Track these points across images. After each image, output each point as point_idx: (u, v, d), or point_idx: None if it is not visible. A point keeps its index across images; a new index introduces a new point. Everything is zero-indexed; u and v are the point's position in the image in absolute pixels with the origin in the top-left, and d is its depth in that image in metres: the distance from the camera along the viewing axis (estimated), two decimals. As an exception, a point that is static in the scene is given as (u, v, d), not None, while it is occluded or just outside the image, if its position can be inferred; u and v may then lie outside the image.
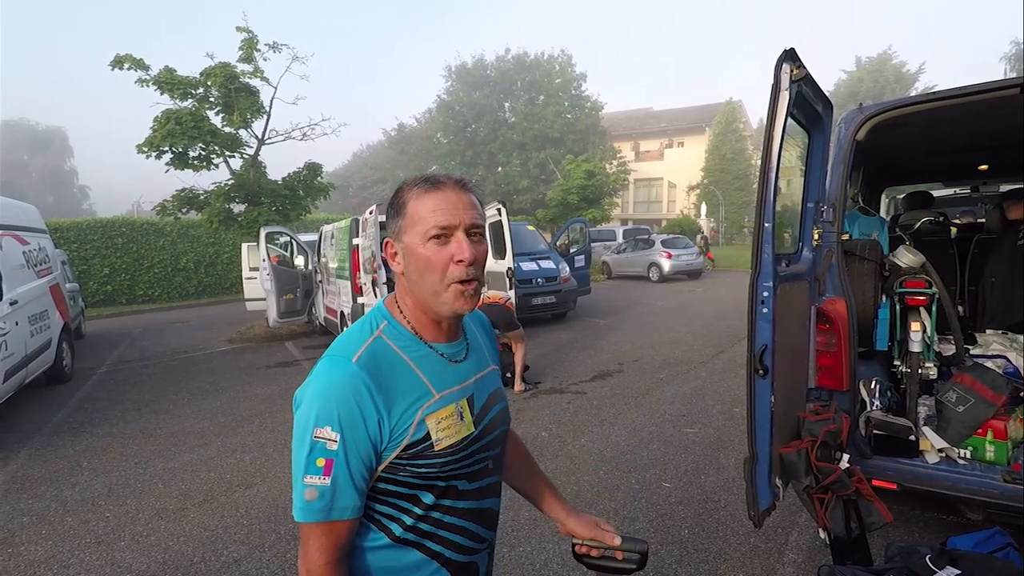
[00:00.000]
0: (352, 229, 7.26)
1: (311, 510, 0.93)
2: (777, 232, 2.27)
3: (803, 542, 3.00)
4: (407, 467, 0.98)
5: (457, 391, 1.05)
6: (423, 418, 0.98)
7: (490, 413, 1.11)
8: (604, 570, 1.20)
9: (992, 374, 2.86)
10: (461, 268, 0.97)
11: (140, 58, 10.33)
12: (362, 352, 0.97)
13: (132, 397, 6.79)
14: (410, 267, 1.00)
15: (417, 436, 0.98)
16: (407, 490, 1.00)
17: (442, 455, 1.00)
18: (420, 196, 0.99)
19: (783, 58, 2.13)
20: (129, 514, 3.75)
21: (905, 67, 36.29)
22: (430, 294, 0.99)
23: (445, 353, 1.06)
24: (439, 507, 1.03)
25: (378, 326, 1.03)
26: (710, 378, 6.32)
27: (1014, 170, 5.32)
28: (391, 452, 0.97)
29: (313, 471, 0.92)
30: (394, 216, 1.02)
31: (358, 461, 0.94)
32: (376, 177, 41.72)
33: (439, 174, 1.02)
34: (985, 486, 2.39)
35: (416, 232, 0.98)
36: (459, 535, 1.05)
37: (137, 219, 18.56)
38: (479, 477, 1.08)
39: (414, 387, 1.00)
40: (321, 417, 0.92)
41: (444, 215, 0.97)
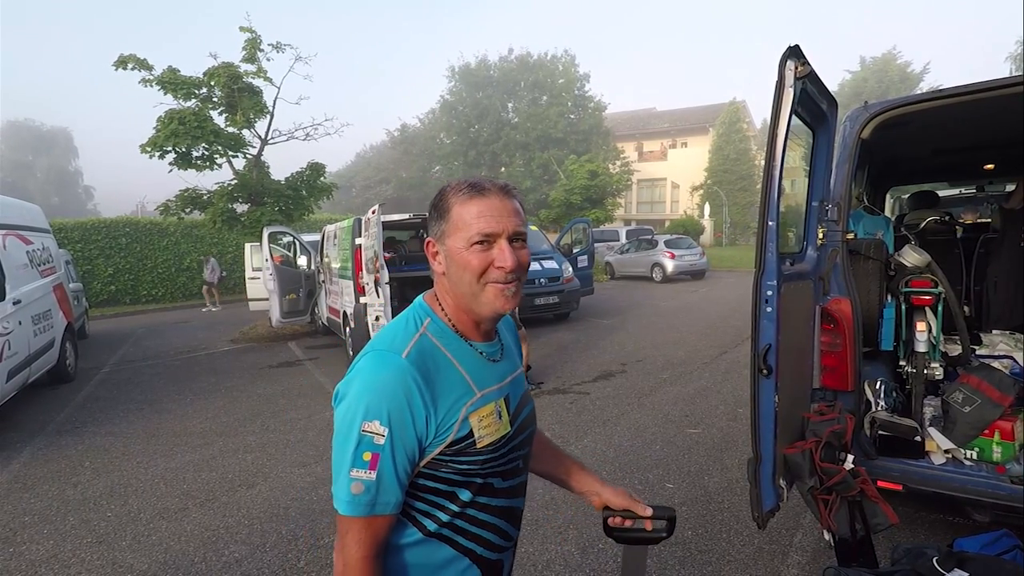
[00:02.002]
0: (355, 229, 7.25)
1: (357, 504, 0.93)
2: (781, 231, 2.24)
3: (807, 544, 2.98)
4: (449, 463, 1.00)
5: (496, 390, 1.06)
6: (467, 415, 1.00)
7: (522, 414, 1.13)
8: (635, 541, 1.23)
9: (999, 374, 2.83)
10: (501, 273, 0.99)
11: (144, 58, 10.39)
12: (411, 348, 0.98)
13: (135, 397, 6.80)
14: (452, 269, 1.01)
15: (461, 433, 0.99)
16: (445, 487, 1.01)
17: (483, 452, 1.01)
18: (465, 202, 0.99)
19: (787, 55, 2.10)
20: (131, 514, 3.75)
21: (910, 67, 36.18)
22: (470, 295, 1.01)
23: (484, 352, 1.07)
24: (474, 504, 1.04)
25: (422, 323, 1.04)
26: (713, 379, 6.29)
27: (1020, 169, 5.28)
28: (435, 448, 0.98)
29: (360, 465, 0.92)
30: (437, 218, 1.03)
31: (403, 457, 0.94)
32: (379, 177, 41.77)
33: (484, 179, 1.03)
34: (992, 487, 2.36)
35: (460, 237, 0.99)
36: (491, 532, 1.07)
37: (141, 219, 18.63)
38: (511, 476, 1.10)
39: (458, 384, 1.01)
40: (371, 411, 0.92)
41: (488, 222, 0.98)
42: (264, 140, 11.49)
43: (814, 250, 2.74)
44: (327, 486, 3.98)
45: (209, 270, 15.87)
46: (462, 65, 37.26)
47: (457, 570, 1.04)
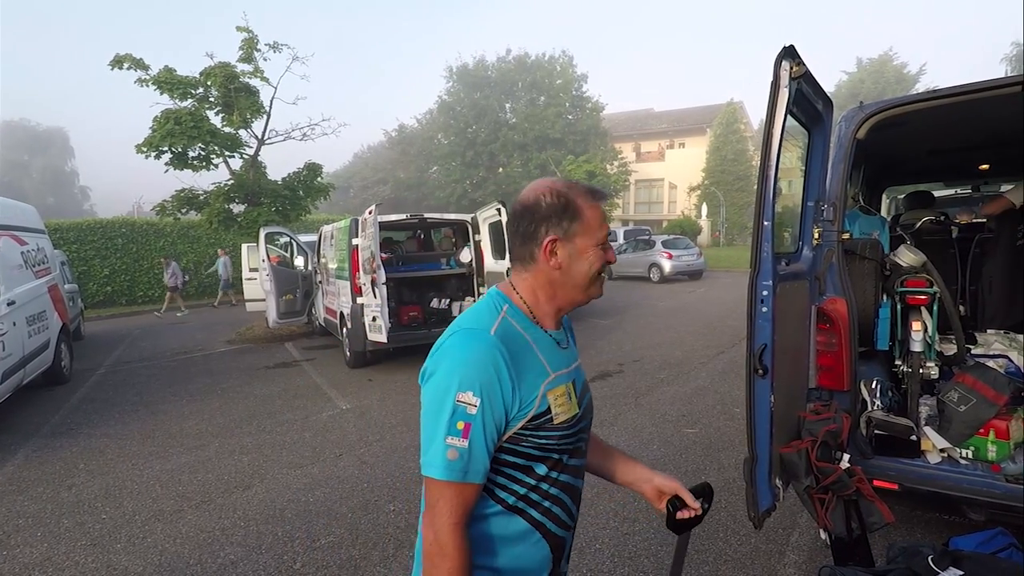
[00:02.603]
0: (351, 229, 7.24)
1: (452, 469, 0.98)
2: (777, 231, 2.24)
3: (804, 543, 2.98)
4: (530, 437, 1.06)
5: (566, 374, 1.15)
6: (545, 392, 1.07)
7: (585, 399, 1.21)
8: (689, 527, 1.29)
9: (994, 374, 2.84)
10: (608, 267, 1.16)
11: (140, 58, 10.35)
12: (496, 327, 1.06)
13: (130, 398, 6.77)
14: (575, 264, 1.11)
15: (542, 408, 1.06)
16: (524, 460, 1.08)
17: (559, 429, 1.09)
18: (593, 208, 1.12)
19: (783, 55, 2.10)
20: (125, 516, 3.73)
21: (906, 68, 36.35)
22: (584, 286, 1.13)
23: (556, 339, 1.17)
24: (547, 478, 1.10)
25: (501, 308, 1.11)
26: (710, 378, 6.29)
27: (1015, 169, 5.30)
28: (517, 422, 1.04)
29: (454, 432, 0.99)
30: (568, 218, 1.10)
31: (492, 427, 1.01)
32: (377, 178, 41.71)
33: (595, 187, 1.17)
34: (988, 486, 2.37)
35: (590, 238, 1.11)
36: (559, 508, 1.13)
37: (137, 220, 18.57)
38: (578, 455, 1.17)
39: (535, 364, 1.09)
40: (464, 382, 0.99)
41: (605, 229, 1.14)
42: (261, 140, 11.46)
43: (810, 250, 2.74)
44: (323, 487, 3.98)
45: (170, 274, 15.04)
46: (460, 66, 37.26)
47: (530, 543, 1.10)
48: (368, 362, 7.71)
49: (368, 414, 5.66)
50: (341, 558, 3.09)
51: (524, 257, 1.13)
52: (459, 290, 8.72)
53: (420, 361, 1.12)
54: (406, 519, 3.46)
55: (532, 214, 1.11)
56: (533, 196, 1.12)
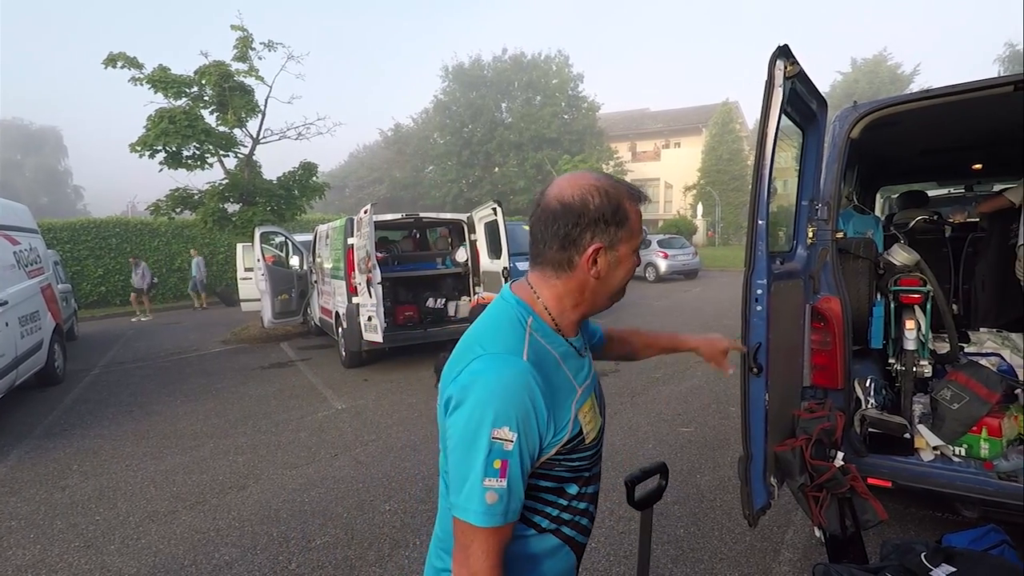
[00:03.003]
0: (347, 229, 7.22)
1: (492, 514, 0.90)
2: (773, 230, 2.25)
3: (799, 540, 2.99)
4: (563, 462, 1.00)
5: (590, 384, 1.09)
6: (576, 412, 1.01)
7: (601, 401, 1.17)
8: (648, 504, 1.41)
9: (986, 372, 2.86)
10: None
11: (133, 56, 10.30)
12: (527, 349, 0.97)
13: (124, 399, 6.74)
14: (615, 272, 1.04)
15: (575, 431, 1.00)
16: (556, 484, 1.02)
17: (591, 447, 1.04)
18: (638, 211, 1.04)
19: (777, 54, 2.11)
20: (119, 517, 3.71)
21: (900, 68, 36.52)
22: (616, 295, 1.08)
23: (577, 347, 1.09)
24: (578, 495, 1.06)
25: (526, 321, 1.02)
26: (705, 377, 6.31)
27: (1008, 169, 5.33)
28: (552, 448, 0.97)
29: (492, 473, 0.89)
30: (616, 225, 1.01)
31: (528, 460, 0.94)
32: (373, 177, 41.65)
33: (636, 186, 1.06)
34: (980, 483, 2.38)
35: (631, 244, 1.03)
36: (586, 518, 1.09)
37: (131, 219, 18.48)
38: (600, 462, 1.13)
39: (564, 382, 1.02)
40: (500, 417, 0.90)
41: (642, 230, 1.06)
42: (256, 139, 11.42)
43: (804, 249, 2.75)
44: (318, 488, 3.97)
45: (139, 275, 14.36)
46: (456, 65, 37.23)
47: (559, 557, 1.06)
48: (364, 362, 7.69)
49: (364, 414, 5.65)
50: (336, 558, 3.08)
51: (560, 263, 1.01)
52: (455, 290, 8.72)
53: (416, 361, 1.11)
54: (402, 519, 3.45)
55: (577, 216, 0.98)
56: (579, 195, 0.98)
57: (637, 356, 1.55)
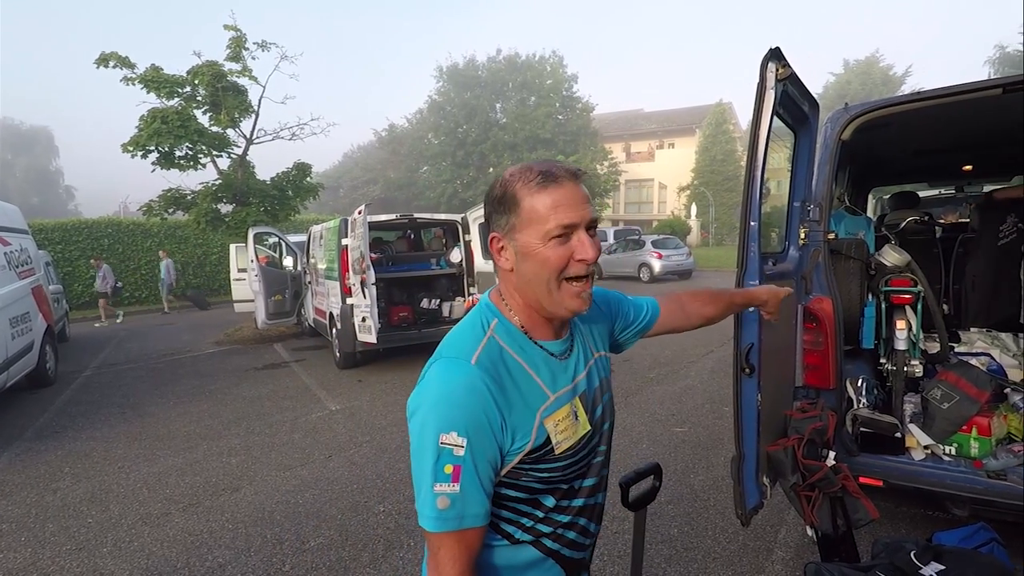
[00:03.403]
0: (341, 229, 7.20)
1: (444, 519, 0.88)
2: (765, 231, 2.26)
3: (792, 539, 3.01)
4: (529, 472, 0.96)
5: (570, 390, 1.02)
6: (542, 421, 0.96)
7: (599, 407, 1.10)
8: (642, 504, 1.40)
9: (976, 371, 2.89)
10: (582, 266, 0.93)
11: (125, 56, 10.24)
12: (479, 353, 0.94)
13: (117, 400, 6.70)
14: (525, 266, 0.95)
15: (539, 440, 0.95)
16: (528, 495, 0.98)
17: (563, 458, 0.98)
18: (536, 192, 0.92)
19: (768, 57, 2.12)
20: (112, 520, 3.69)
21: (892, 70, 36.77)
22: (545, 293, 0.95)
23: (555, 352, 1.02)
24: (558, 508, 1.02)
25: (489, 325, 0.99)
26: (699, 377, 6.34)
27: (997, 170, 5.37)
28: (514, 457, 0.94)
29: (442, 478, 0.88)
30: (503, 212, 0.95)
31: (486, 465, 0.91)
32: (367, 178, 41.55)
33: (552, 165, 0.95)
34: (970, 482, 2.40)
35: (535, 231, 0.92)
36: (574, 532, 1.05)
37: (123, 220, 18.37)
38: (594, 473, 1.07)
39: (530, 389, 0.97)
40: (446, 422, 0.88)
41: (566, 213, 0.91)
42: (249, 140, 11.38)
43: (796, 250, 2.77)
44: (312, 489, 3.96)
45: (100, 277, 13.83)
46: (450, 65, 37.17)
47: (542, 570, 1.02)
48: (358, 363, 7.68)
49: (358, 415, 5.64)
50: (331, 560, 3.07)
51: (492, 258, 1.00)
52: (449, 290, 8.71)
53: (410, 362, 1.10)
54: (396, 520, 3.45)
55: (485, 207, 1.00)
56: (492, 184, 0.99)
57: (716, 318, 1.49)
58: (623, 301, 1.30)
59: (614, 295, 1.30)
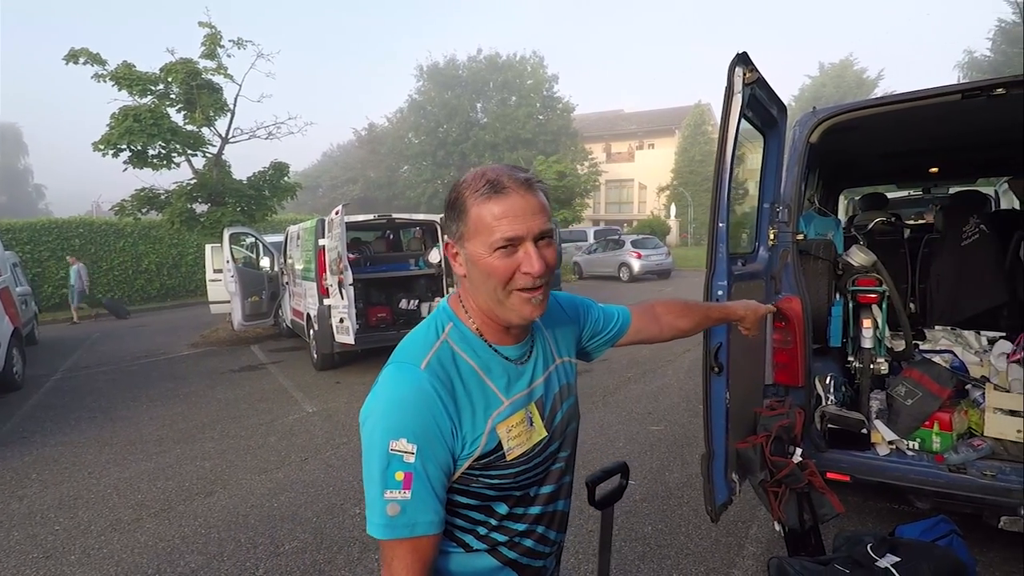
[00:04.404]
0: (318, 230, 7.14)
1: (395, 526, 0.87)
2: (738, 232, 2.31)
3: (763, 535, 3.06)
4: (479, 478, 0.95)
5: (525, 395, 1.01)
6: (494, 426, 0.95)
7: (559, 413, 1.08)
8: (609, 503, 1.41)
9: (938, 368, 2.97)
10: (528, 278, 0.91)
11: (96, 52, 10.03)
12: (430, 357, 0.93)
13: (87, 404, 6.56)
14: (474, 274, 0.94)
15: (489, 446, 0.94)
16: (479, 502, 0.97)
17: (515, 464, 0.96)
18: (483, 201, 0.90)
19: (736, 62, 2.16)
20: (80, 527, 3.62)
21: (865, 73, 37.57)
22: (493, 301, 0.94)
23: (511, 356, 1.01)
24: (512, 516, 1.00)
25: (443, 329, 0.98)
26: (676, 376, 6.41)
27: (963, 172, 5.52)
28: (464, 463, 0.93)
29: (393, 485, 0.87)
30: (455, 219, 0.94)
31: (438, 471, 0.89)
32: (346, 177, 41.22)
33: (503, 173, 0.92)
34: (932, 476, 2.47)
35: (480, 242, 0.90)
36: (532, 540, 1.03)
37: (95, 219, 17.97)
38: (552, 480, 1.06)
39: (483, 394, 0.96)
40: (394, 429, 0.87)
41: (511, 225, 0.89)
42: (224, 139, 11.22)
43: (766, 250, 2.82)
44: (288, 492, 3.93)
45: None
46: (431, 65, 37.11)
47: None
48: (336, 364, 7.62)
49: (335, 417, 5.60)
50: (305, 563, 3.05)
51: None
52: (428, 290, 8.69)
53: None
54: (372, 522, 3.43)
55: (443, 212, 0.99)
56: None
57: (690, 332, 1.45)
58: (593, 309, 1.27)
59: (584, 302, 1.27)
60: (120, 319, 14.82)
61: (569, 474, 1.12)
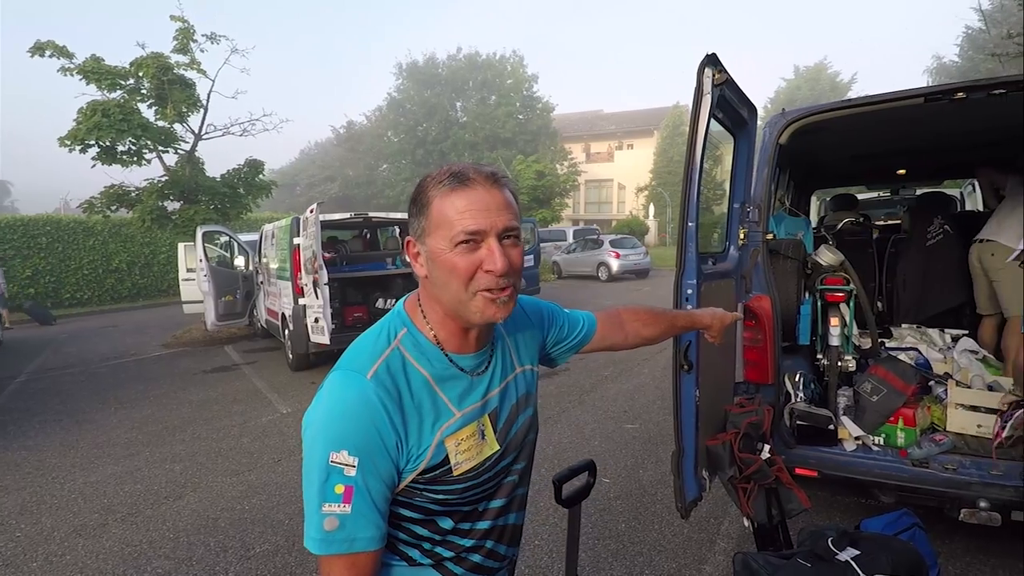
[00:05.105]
0: (293, 228, 7.04)
1: (332, 541, 0.83)
2: (708, 232, 2.33)
3: (733, 531, 3.10)
4: (423, 492, 0.92)
5: (479, 407, 0.97)
6: (442, 440, 0.91)
7: (515, 425, 1.04)
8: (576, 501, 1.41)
9: (903, 365, 3.04)
10: (491, 277, 0.86)
11: (63, 45, 9.75)
12: (377, 366, 0.88)
13: (53, 407, 6.38)
14: (435, 273, 0.89)
15: (436, 460, 0.90)
16: (423, 516, 0.94)
17: (462, 480, 0.93)
18: (446, 194, 0.87)
19: (705, 63, 2.18)
20: (43, 533, 3.52)
21: (839, 77, 38.34)
22: (457, 302, 0.89)
23: (466, 367, 0.96)
24: (458, 531, 0.97)
25: (396, 335, 0.93)
26: (652, 375, 6.46)
27: (929, 174, 5.66)
28: (408, 476, 0.90)
29: (332, 499, 0.83)
30: (416, 214, 0.91)
31: (380, 485, 0.86)
32: (324, 175, 40.78)
33: (468, 167, 0.89)
34: (896, 470, 2.53)
35: (441, 236, 0.86)
36: (479, 555, 1.00)
37: (63, 217, 17.47)
38: (503, 494, 1.02)
39: (433, 404, 0.91)
40: (335, 440, 0.83)
41: (473, 219, 0.85)
42: (197, 135, 11.01)
43: (736, 250, 2.85)
44: (260, 494, 3.87)
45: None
46: (410, 63, 36.89)
47: None
48: (311, 364, 7.53)
49: (310, 418, 5.52)
50: (276, 566, 3.01)
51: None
52: (405, 290, 8.62)
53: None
54: (346, 523, 3.39)
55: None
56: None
57: (655, 340, 1.42)
58: (558, 314, 1.24)
59: (548, 307, 1.24)
60: (44, 325, 13.62)
61: (523, 486, 1.08)
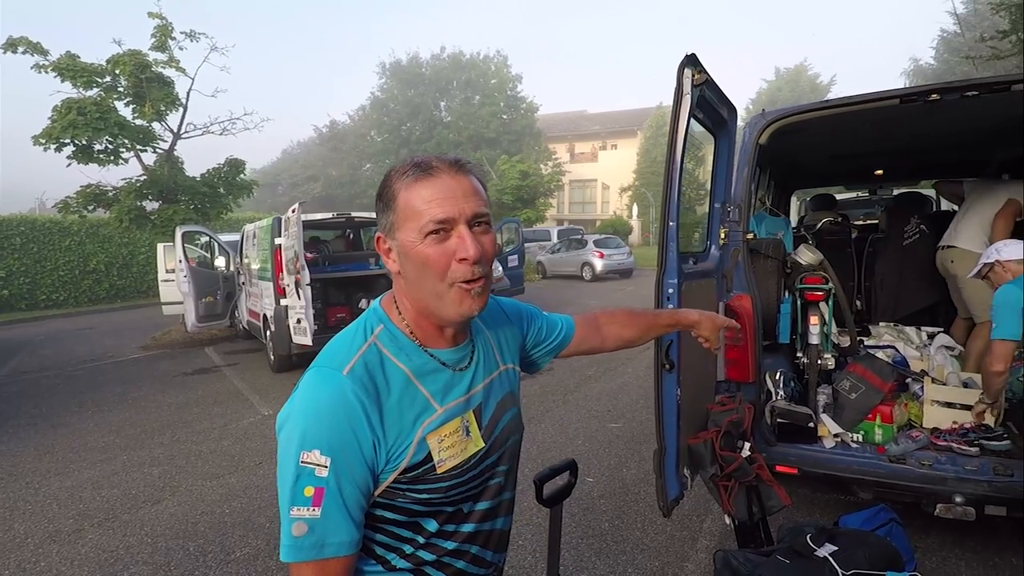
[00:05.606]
0: (274, 228, 6.97)
1: (300, 547, 0.80)
2: (690, 232, 2.34)
3: (716, 529, 3.12)
4: (406, 492, 0.88)
5: (463, 402, 0.94)
6: (424, 436, 0.88)
7: (501, 423, 1.01)
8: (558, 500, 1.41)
9: (880, 363, 3.09)
10: (465, 267, 0.85)
11: (37, 42, 9.54)
12: (354, 362, 0.86)
13: (27, 411, 6.24)
14: (408, 267, 0.88)
15: (417, 458, 0.87)
16: (406, 518, 0.90)
17: (446, 478, 0.90)
18: (411, 185, 0.85)
19: (685, 63, 2.20)
20: (16, 539, 3.44)
21: (819, 78, 38.92)
22: (431, 296, 0.87)
23: (448, 361, 0.94)
24: (442, 533, 0.93)
25: (373, 331, 0.91)
26: (635, 374, 6.49)
27: (906, 175, 5.76)
28: (388, 476, 0.86)
29: (301, 502, 0.80)
30: (383, 209, 0.89)
31: (353, 488, 0.82)
32: (307, 175, 40.42)
33: (431, 156, 0.88)
34: (874, 467, 2.57)
35: (410, 228, 0.85)
36: (463, 560, 0.96)
37: (39, 217, 17.09)
38: (489, 496, 0.99)
39: (414, 401, 0.89)
40: (308, 439, 0.80)
41: (441, 207, 0.84)
42: (176, 134, 10.84)
43: (717, 249, 2.88)
44: (240, 498, 3.81)
45: None
46: (393, 62, 36.72)
47: None
48: (293, 366, 7.44)
49: (292, 420, 5.47)
50: (257, 570, 2.97)
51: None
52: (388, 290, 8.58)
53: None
54: (328, 526, 3.36)
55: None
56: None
57: (636, 342, 1.40)
58: (536, 317, 1.23)
59: (528, 309, 1.22)
60: None
61: (509, 491, 1.05)
